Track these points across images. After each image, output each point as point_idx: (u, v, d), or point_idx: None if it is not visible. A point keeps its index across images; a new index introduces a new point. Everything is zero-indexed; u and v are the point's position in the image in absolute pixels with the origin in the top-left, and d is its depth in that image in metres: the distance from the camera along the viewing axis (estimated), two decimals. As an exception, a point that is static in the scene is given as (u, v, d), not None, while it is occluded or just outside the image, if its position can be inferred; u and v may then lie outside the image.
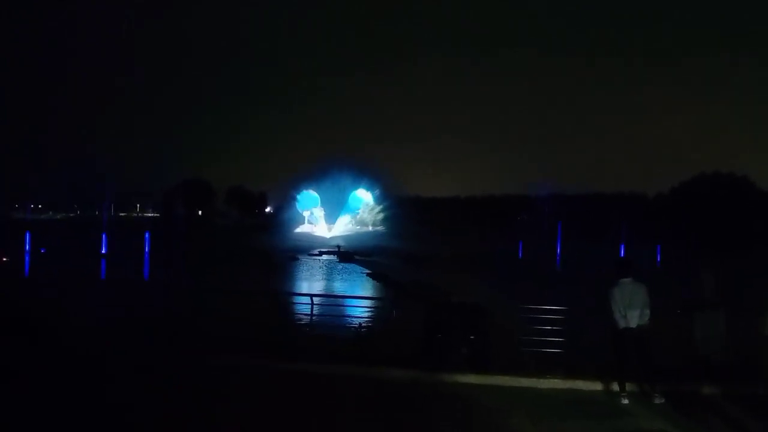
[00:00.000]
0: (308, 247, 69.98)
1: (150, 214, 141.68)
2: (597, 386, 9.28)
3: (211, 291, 17.27)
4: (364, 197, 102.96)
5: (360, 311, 14.68)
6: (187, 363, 10.03)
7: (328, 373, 9.66)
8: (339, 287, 38.75)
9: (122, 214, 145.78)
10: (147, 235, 55.67)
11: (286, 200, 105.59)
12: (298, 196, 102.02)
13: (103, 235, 54.27)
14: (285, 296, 22.72)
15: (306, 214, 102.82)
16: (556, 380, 9.50)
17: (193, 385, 8.93)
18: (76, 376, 9.11)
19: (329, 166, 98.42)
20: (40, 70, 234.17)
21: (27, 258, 45.92)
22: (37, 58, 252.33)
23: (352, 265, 53.08)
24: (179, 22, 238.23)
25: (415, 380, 9.46)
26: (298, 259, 57.16)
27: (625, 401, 8.55)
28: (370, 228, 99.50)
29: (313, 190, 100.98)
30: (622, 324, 8.72)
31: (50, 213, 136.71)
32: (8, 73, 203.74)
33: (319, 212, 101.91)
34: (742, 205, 77.90)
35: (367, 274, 44.53)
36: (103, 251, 51.97)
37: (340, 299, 22.14)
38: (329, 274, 46.35)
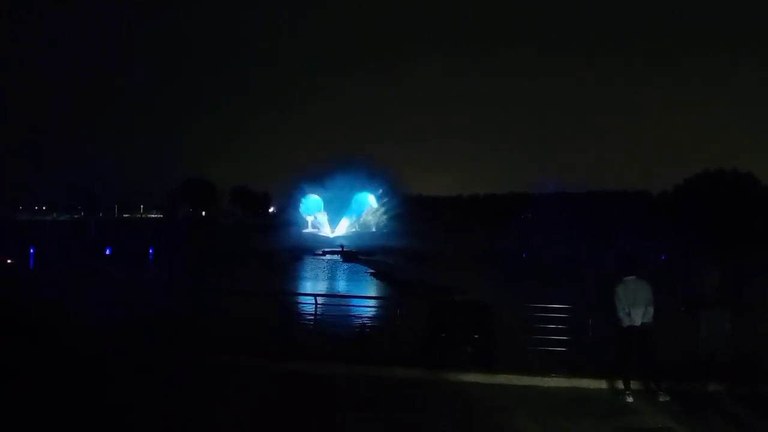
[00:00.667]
0: (312, 247, 69.94)
1: (154, 215, 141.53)
2: (601, 384, 9.19)
3: (211, 291, 17.20)
4: (368, 200, 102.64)
5: (364, 311, 14.58)
6: (187, 363, 9.99)
7: (328, 373, 9.60)
8: (343, 287, 38.69)
9: (126, 215, 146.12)
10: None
11: (288, 200, 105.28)
12: (302, 201, 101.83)
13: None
14: (287, 296, 22.62)
15: (309, 219, 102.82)
16: (560, 378, 9.42)
17: (193, 385, 8.89)
18: (76, 376, 9.07)
19: (332, 166, 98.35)
20: (40, 70, 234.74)
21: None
22: (37, 58, 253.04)
23: (356, 264, 53.02)
24: (179, 22, 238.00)
25: (417, 379, 9.38)
26: (301, 258, 57.17)
27: (630, 399, 8.46)
28: (374, 230, 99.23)
29: (316, 189, 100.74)
30: (626, 322, 8.65)
31: (54, 215, 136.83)
32: (8, 73, 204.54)
33: (322, 217, 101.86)
34: (745, 203, 77.47)
35: (371, 274, 44.45)
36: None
37: (344, 299, 22.05)
38: (333, 274, 46.32)
